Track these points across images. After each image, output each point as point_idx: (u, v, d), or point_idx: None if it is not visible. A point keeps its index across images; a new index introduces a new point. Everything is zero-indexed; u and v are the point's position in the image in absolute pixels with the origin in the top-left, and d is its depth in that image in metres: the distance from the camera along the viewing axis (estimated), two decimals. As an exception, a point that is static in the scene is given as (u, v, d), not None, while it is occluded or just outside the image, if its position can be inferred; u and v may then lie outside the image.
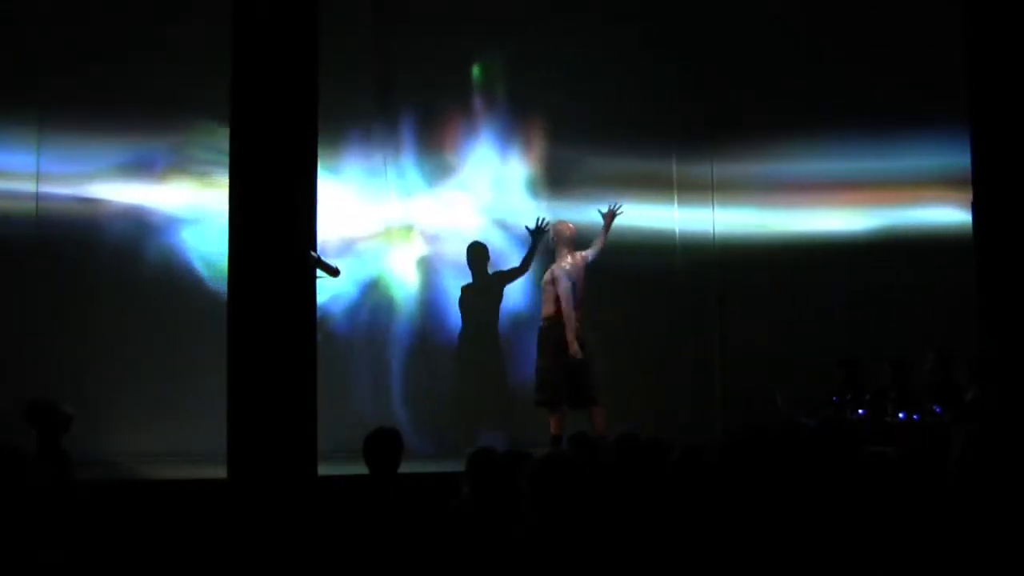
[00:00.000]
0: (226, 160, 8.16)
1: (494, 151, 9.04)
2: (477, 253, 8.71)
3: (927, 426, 7.08)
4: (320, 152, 7.95)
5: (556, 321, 7.60)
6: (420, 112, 8.86)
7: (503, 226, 8.97)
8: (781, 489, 3.72)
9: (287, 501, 5.33)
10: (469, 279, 8.71)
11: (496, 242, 8.87)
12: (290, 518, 5.15)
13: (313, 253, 5.77)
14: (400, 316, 8.75)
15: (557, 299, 7.58)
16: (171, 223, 8.17)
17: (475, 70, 9.11)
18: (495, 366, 8.68)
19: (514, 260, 8.72)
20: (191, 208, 8.18)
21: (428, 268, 8.88)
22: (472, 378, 8.66)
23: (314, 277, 5.85)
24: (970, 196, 7.59)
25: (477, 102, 9.07)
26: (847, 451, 4.56)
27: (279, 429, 5.53)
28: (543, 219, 8.40)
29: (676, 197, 9.42)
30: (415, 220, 8.89)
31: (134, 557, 5.35)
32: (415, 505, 4.45)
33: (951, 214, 8.80)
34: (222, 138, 8.03)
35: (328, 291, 8.05)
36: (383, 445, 4.68)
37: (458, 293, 8.71)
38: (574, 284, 7.60)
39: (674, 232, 9.41)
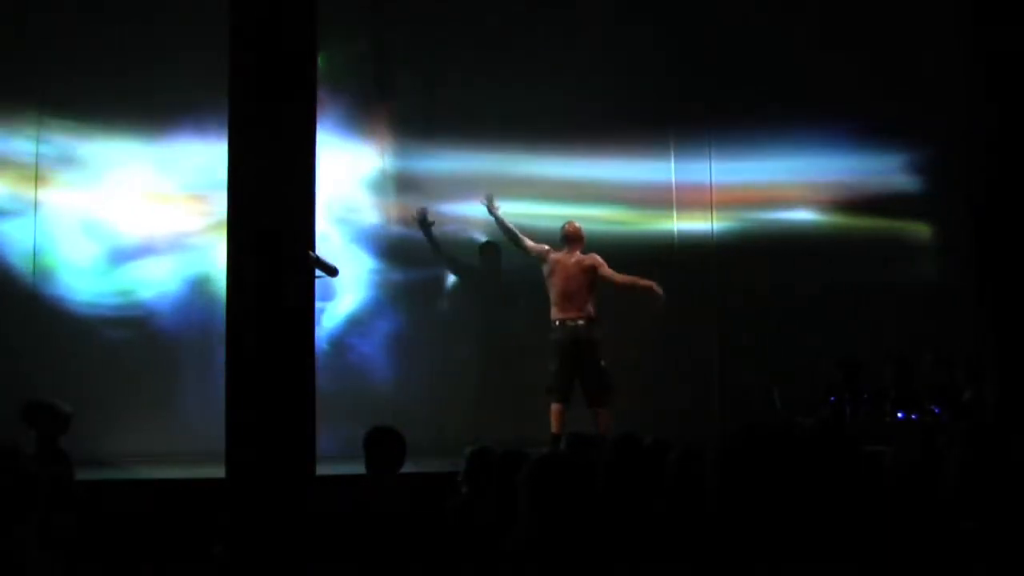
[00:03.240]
0: (50, 151, 7.87)
1: (336, 145, 8.45)
2: (488, 252, 8.74)
3: (925, 426, 7.09)
4: (149, 142, 7.93)
5: (592, 321, 7.65)
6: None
7: (344, 221, 8.58)
8: (779, 489, 3.71)
9: (285, 500, 5.33)
10: (477, 279, 8.74)
11: (335, 240, 8.44)
12: (288, 517, 5.15)
13: (312, 253, 5.77)
14: None
15: (588, 299, 7.62)
16: None
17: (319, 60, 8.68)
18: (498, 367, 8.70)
19: (357, 256, 8.53)
20: (12, 200, 7.98)
21: None
22: (469, 379, 8.68)
23: (313, 277, 5.85)
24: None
25: (319, 94, 8.67)
26: (844, 451, 4.56)
27: (277, 429, 5.53)
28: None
29: (674, 196, 9.38)
30: None
31: (133, 557, 5.36)
32: (413, 504, 4.46)
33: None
34: (50, 129, 7.99)
35: (154, 288, 8.00)
36: (382, 444, 4.69)
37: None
38: (553, 282, 7.73)
39: (672, 230, 9.37)
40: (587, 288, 7.70)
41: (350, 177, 8.64)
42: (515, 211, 8.38)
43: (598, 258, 7.78)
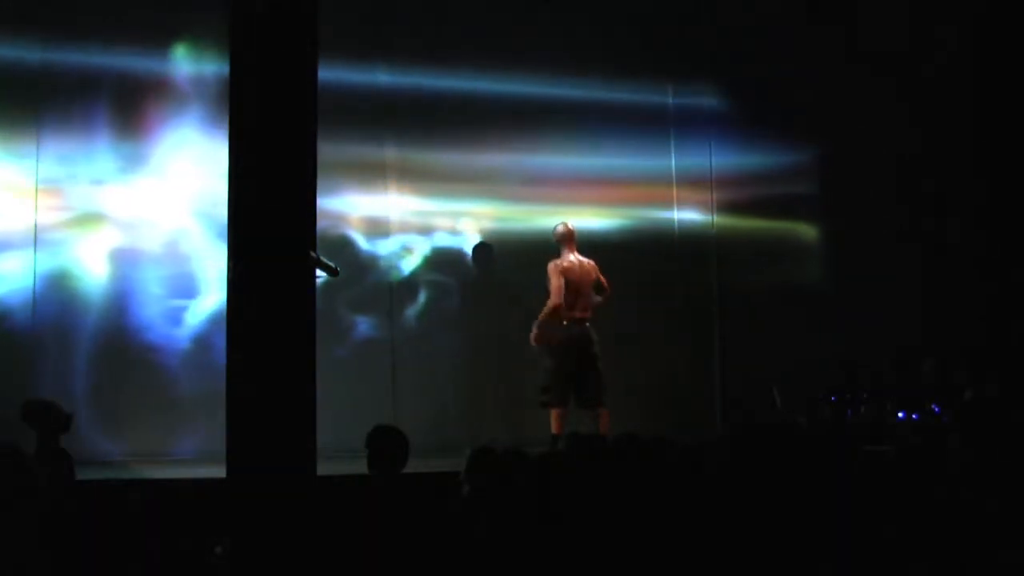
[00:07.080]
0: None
1: (200, 136, 8.12)
2: (483, 253, 8.72)
3: (926, 426, 7.10)
4: (10, 136, 7.85)
5: (578, 321, 7.67)
6: (117, 92, 8.10)
7: (208, 216, 8.16)
8: (780, 488, 3.71)
9: (286, 500, 5.33)
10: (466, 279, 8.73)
11: (198, 234, 8.20)
12: (289, 517, 5.15)
13: (312, 253, 5.76)
14: (89, 312, 8.07)
15: (591, 299, 7.69)
16: None
17: (179, 48, 8.22)
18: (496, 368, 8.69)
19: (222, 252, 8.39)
20: None
21: (121, 261, 8.16)
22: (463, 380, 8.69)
23: (314, 277, 5.84)
24: None
25: (183, 82, 8.23)
26: (845, 450, 4.56)
27: (278, 429, 5.53)
28: None
29: (675, 195, 9.37)
30: (106, 209, 8.15)
31: (133, 557, 5.36)
32: (414, 504, 4.45)
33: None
34: None
35: (7, 283, 7.87)
36: (385, 444, 4.69)
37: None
38: (568, 282, 7.69)
39: (673, 228, 9.36)
40: (591, 289, 7.75)
41: (213, 169, 7.99)
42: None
43: (593, 262, 7.87)
